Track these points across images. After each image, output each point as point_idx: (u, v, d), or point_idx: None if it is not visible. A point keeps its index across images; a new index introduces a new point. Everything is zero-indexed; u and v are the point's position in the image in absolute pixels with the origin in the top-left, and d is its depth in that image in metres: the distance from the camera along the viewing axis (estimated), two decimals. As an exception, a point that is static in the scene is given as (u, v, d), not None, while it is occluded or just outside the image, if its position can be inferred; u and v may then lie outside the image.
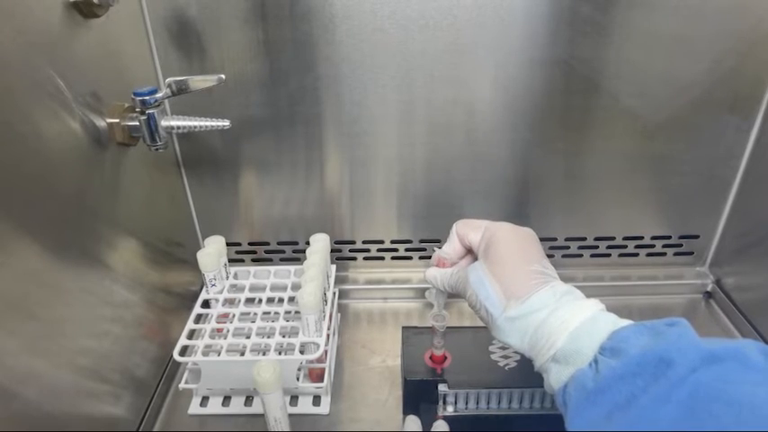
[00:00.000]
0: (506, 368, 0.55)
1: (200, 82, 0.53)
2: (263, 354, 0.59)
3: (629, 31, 0.60)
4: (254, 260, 0.77)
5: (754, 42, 0.61)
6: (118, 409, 0.53)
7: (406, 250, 0.76)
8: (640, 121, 0.66)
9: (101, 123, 0.50)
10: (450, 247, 0.49)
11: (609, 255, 0.76)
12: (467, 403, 0.55)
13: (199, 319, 0.63)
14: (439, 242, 0.75)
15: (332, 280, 0.69)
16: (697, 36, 0.60)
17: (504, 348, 0.57)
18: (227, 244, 0.70)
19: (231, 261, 0.72)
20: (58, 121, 0.44)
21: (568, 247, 0.75)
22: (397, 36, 0.60)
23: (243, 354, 0.58)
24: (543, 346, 0.39)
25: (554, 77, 0.63)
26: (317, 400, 0.60)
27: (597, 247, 0.75)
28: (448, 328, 0.54)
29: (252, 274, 0.69)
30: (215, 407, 0.60)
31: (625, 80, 0.63)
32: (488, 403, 0.55)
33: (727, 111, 0.65)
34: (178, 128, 0.54)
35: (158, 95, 0.51)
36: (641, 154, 0.68)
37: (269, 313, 0.63)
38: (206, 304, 0.65)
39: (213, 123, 0.55)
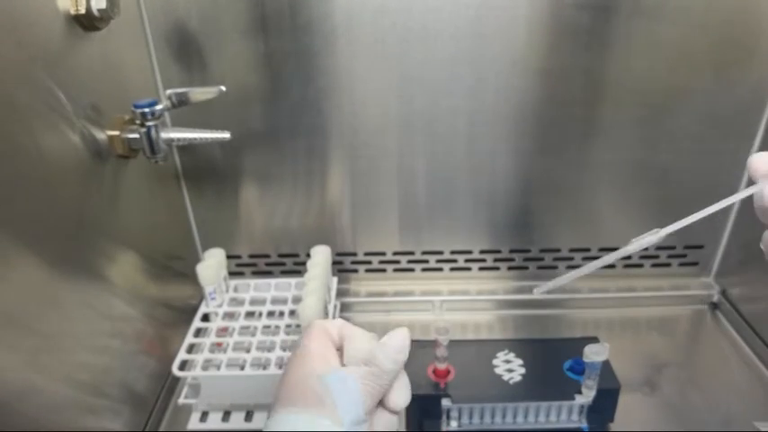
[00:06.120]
0: (511, 382, 0.54)
1: (200, 94, 0.52)
2: (264, 368, 0.59)
3: (631, 40, 0.60)
4: (254, 273, 0.76)
5: (756, 51, 0.61)
6: (117, 425, 0.52)
7: (409, 262, 0.76)
8: (643, 130, 0.65)
9: (101, 136, 0.50)
10: None
11: (614, 265, 0.75)
12: (471, 418, 0.54)
13: (198, 332, 0.62)
14: (441, 253, 0.75)
15: (333, 293, 0.68)
16: (699, 45, 0.60)
17: (508, 362, 0.57)
18: (228, 257, 0.69)
19: (231, 274, 0.71)
20: (58, 134, 0.44)
21: (572, 258, 0.75)
22: (398, 47, 0.60)
23: (243, 368, 0.57)
24: None
25: (555, 87, 0.63)
26: (318, 414, 0.60)
27: (602, 257, 0.75)
28: (451, 341, 0.53)
29: (252, 287, 0.68)
30: (215, 422, 0.59)
31: (627, 90, 0.63)
32: (493, 418, 0.54)
33: (729, 119, 0.65)
34: (178, 140, 0.54)
35: (158, 108, 0.51)
36: (644, 163, 0.68)
37: (269, 327, 0.63)
38: (206, 318, 0.65)
39: (213, 135, 0.55)
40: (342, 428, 0.32)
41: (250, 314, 0.65)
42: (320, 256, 0.66)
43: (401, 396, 0.37)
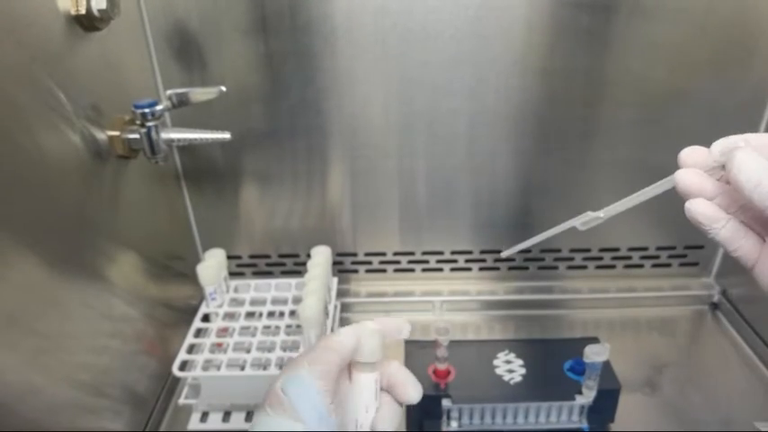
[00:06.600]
0: (511, 382, 0.54)
1: (200, 94, 0.52)
2: (264, 368, 0.59)
3: (630, 41, 0.60)
4: (254, 273, 0.76)
5: (756, 51, 0.60)
6: (117, 425, 0.52)
7: (409, 262, 0.76)
8: (643, 130, 0.65)
9: (101, 136, 0.50)
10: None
11: (614, 266, 0.75)
12: (471, 419, 0.54)
13: (199, 333, 0.62)
14: (441, 254, 0.75)
15: (333, 293, 0.68)
16: (699, 45, 0.60)
17: (508, 362, 0.57)
18: (228, 257, 0.69)
19: (232, 274, 0.71)
20: (58, 134, 0.44)
21: (573, 259, 0.75)
22: (398, 48, 0.60)
23: (243, 368, 0.57)
24: None
25: (555, 87, 0.63)
26: (318, 415, 0.60)
27: (602, 258, 0.75)
28: (451, 341, 0.53)
29: (252, 288, 0.68)
30: (215, 422, 0.59)
31: (627, 90, 0.63)
32: (493, 419, 0.54)
33: (729, 119, 0.65)
34: (178, 140, 0.54)
35: (159, 108, 0.51)
36: (644, 163, 0.68)
37: (270, 327, 0.63)
38: (206, 318, 0.64)
39: (214, 136, 0.55)
40: (307, 428, 0.33)
41: (250, 314, 0.65)
42: (320, 257, 0.66)
43: (412, 389, 0.38)
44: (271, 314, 0.65)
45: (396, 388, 0.39)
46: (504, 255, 0.43)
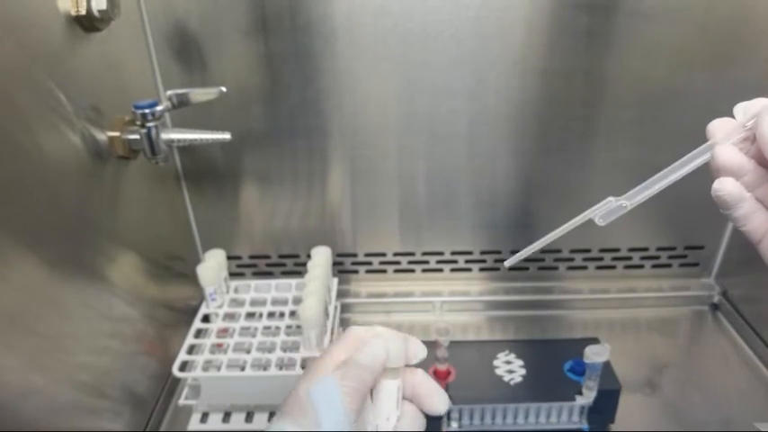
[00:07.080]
0: (511, 383, 0.54)
1: (200, 95, 0.52)
2: (264, 369, 0.59)
3: (630, 41, 0.60)
4: (254, 274, 0.76)
5: (756, 51, 0.60)
6: (117, 426, 0.52)
7: (409, 263, 0.76)
8: (643, 130, 0.65)
9: (101, 136, 0.50)
10: None
11: (614, 266, 0.75)
12: (471, 419, 0.54)
13: (199, 333, 0.62)
14: (441, 254, 0.75)
15: (333, 294, 0.68)
16: (699, 45, 0.60)
17: (508, 363, 0.57)
18: (228, 258, 0.69)
19: (232, 275, 0.71)
20: (58, 135, 0.44)
21: (573, 259, 0.75)
22: (398, 48, 0.60)
23: (243, 369, 0.57)
24: None
25: (555, 88, 0.63)
26: (318, 415, 0.59)
27: (602, 258, 0.75)
28: (452, 342, 0.53)
29: (252, 288, 0.68)
30: (215, 423, 0.59)
31: (627, 90, 0.63)
32: (493, 419, 0.54)
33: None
34: (179, 141, 0.54)
35: (159, 108, 0.51)
36: (644, 163, 0.67)
37: (270, 328, 0.63)
38: (206, 319, 0.64)
39: (214, 136, 0.55)
40: None
41: (250, 315, 0.65)
42: (321, 257, 0.66)
43: (438, 401, 0.37)
44: (271, 315, 0.65)
45: (421, 399, 0.37)
46: (507, 264, 0.40)
